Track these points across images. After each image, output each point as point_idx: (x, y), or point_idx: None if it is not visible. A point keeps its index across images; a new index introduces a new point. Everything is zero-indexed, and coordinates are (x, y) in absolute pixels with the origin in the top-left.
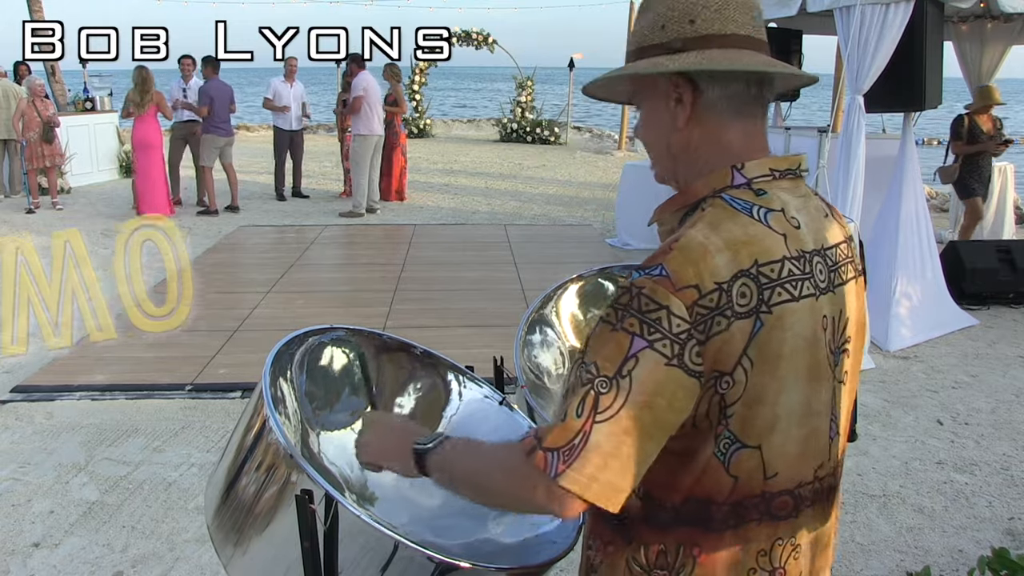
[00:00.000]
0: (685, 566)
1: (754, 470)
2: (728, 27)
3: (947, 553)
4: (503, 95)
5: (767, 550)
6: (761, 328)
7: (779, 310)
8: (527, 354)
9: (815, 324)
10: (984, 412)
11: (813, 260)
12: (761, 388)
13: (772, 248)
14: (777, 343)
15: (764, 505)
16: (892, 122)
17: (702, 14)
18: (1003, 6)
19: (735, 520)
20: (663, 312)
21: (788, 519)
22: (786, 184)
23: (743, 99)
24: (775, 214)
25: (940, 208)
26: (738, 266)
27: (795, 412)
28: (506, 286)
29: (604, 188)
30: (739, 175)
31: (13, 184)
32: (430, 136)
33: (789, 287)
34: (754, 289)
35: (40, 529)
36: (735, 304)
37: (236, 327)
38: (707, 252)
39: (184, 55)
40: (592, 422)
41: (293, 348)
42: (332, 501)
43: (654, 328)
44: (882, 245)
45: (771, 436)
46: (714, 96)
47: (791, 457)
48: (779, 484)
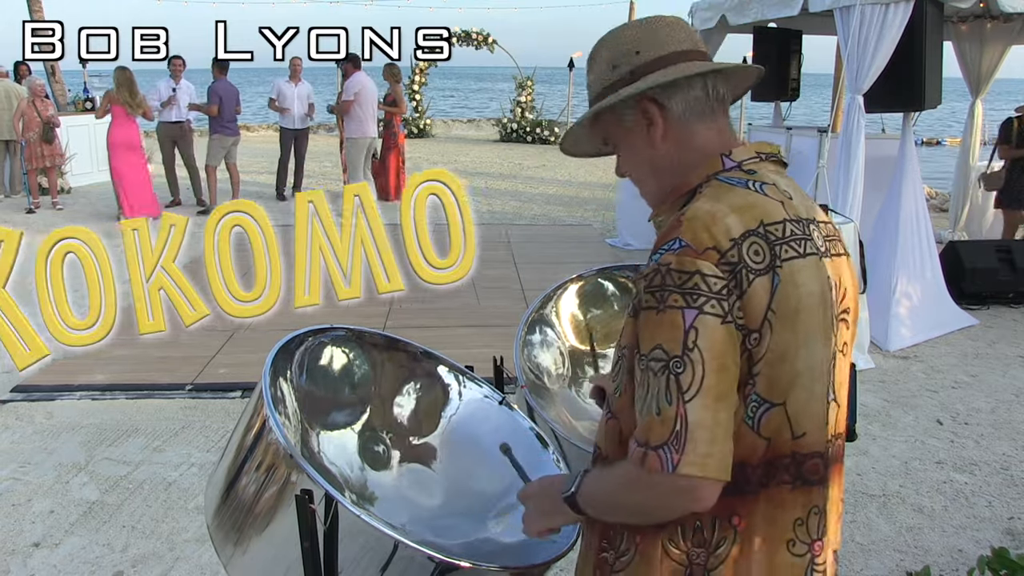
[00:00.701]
0: (725, 539)
1: (782, 428)
2: (668, 47)
3: (947, 553)
4: (503, 95)
5: (803, 519)
6: (779, 283)
7: (789, 266)
8: (527, 354)
9: (823, 282)
10: (984, 412)
11: (809, 226)
12: (784, 345)
13: (774, 211)
14: (794, 298)
15: (795, 468)
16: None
17: (643, 44)
18: (1003, 6)
19: (767, 478)
20: (697, 277)
21: (819, 485)
22: (772, 167)
23: (705, 103)
24: (769, 186)
25: (940, 208)
26: (746, 226)
27: (814, 369)
28: (506, 286)
29: (604, 188)
30: (728, 160)
31: (13, 184)
32: (430, 136)
33: (795, 244)
34: (765, 247)
35: (40, 529)
36: (750, 262)
37: (236, 327)
38: (716, 216)
39: (174, 55)
40: (683, 403)
41: (293, 348)
42: (332, 501)
43: (696, 294)
44: (882, 245)
45: (794, 392)
46: (679, 107)
47: (816, 416)
48: (808, 444)
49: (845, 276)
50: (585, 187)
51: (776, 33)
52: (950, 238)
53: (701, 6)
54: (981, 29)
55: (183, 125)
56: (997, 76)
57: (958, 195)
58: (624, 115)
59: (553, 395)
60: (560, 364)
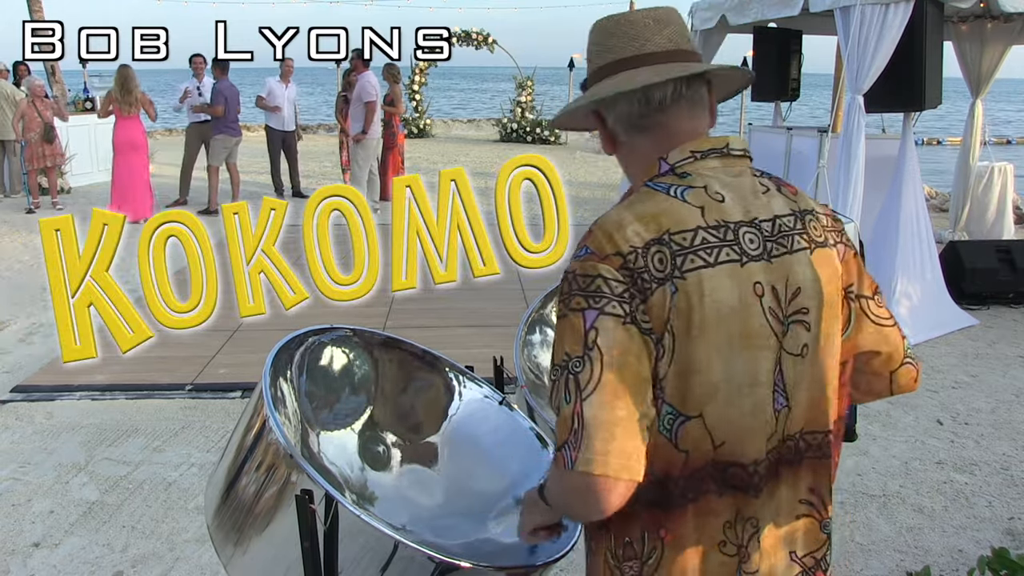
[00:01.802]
0: (655, 551)
1: (700, 440)
2: (607, 57)
3: (947, 553)
4: (503, 95)
5: (732, 522)
6: (676, 293)
7: (693, 276)
8: (527, 354)
9: (742, 289)
10: (984, 412)
11: (739, 230)
12: (691, 356)
13: (685, 219)
14: (697, 309)
15: (718, 474)
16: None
17: (594, 51)
18: (1003, 6)
19: (693, 492)
20: (599, 280)
21: (747, 493)
22: (713, 163)
23: (637, 115)
24: (694, 191)
25: (940, 208)
26: (649, 235)
27: (735, 380)
28: (506, 286)
29: (604, 188)
30: (663, 164)
31: (13, 184)
32: (430, 136)
33: (703, 254)
34: (668, 256)
35: (40, 529)
36: (653, 269)
37: (236, 327)
38: (620, 224)
39: (195, 54)
40: (580, 400)
41: (293, 348)
42: (332, 501)
43: (598, 296)
44: (882, 245)
45: (712, 405)
46: (612, 121)
47: (737, 427)
48: (729, 455)
49: (801, 273)
50: (585, 187)
51: (776, 33)
52: (950, 238)
53: (701, 6)
54: (981, 29)
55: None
56: (997, 76)
57: (958, 195)
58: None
59: None
60: None
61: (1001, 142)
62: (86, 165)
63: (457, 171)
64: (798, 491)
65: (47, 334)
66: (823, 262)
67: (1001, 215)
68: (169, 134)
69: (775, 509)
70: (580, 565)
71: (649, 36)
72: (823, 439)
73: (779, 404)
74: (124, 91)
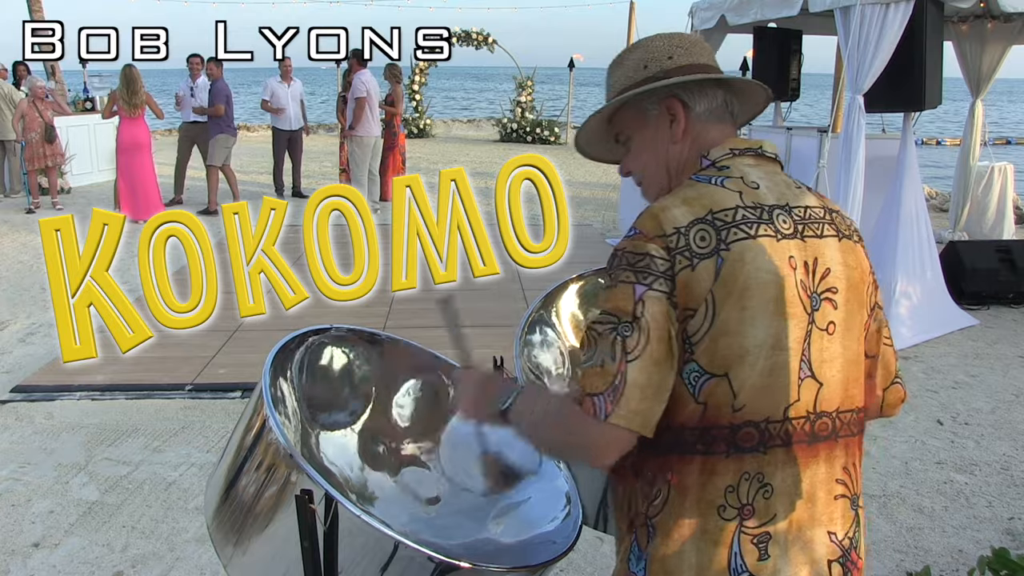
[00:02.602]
0: (661, 492)
1: (722, 398)
2: (696, 59)
3: (947, 553)
4: (503, 95)
5: (734, 486)
6: (723, 264)
7: (737, 246)
8: (527, 354)
9: (779, 260)
10: (984, 412)
11: (773, 211)
12: (728, 320)
13: (725, 200)
14: (742, 276)
15: (731, 436)
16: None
17: (677, 51)
18: (1003, 6)
19: (703, 446)
20: (647, 258)
21: (753, 452)
22: (750, 160)
23: (721, 110)
24: (732, 179)
25: (940, 208)
26: (694, 215)
27: (763, 344)
28: (506, 286)
29: (604, 188)
30: (705, 160)
31: (13, 184)
32: (430, 136)
33: (744, 227)
34: (712, 232)
35: (40, 529)
36: (695, 247)
37: (236, 327)
38: (665, 208)
39: (192, 54)
40: (625, 362)
41: (293, 348)
42: (332, 501)
43: (646, 272)
44: (882, 245)
45: (739, 366)
46: (700, 109)
47: (756, 389)
48: (744, 415)
49: (830, 256)
50: (585, 187)
51: (776, 33)
52: (950, 238)
53: (701, 6)
54: (981, 29)
55: (205, 125)
56: (997, 76)
57: (958, 195)
58: (649, 109)
59: None
60: (560, 364)
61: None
62: (86, 165)
63: (457, 171)
64: (834, 470)
65: (47, 334)
66: (850, 250)
67: (1001, 215)
68: (169, 134)
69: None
70: (580, 565)
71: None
72: (855, 417)
73: (804, 373)
74: (130, 91)
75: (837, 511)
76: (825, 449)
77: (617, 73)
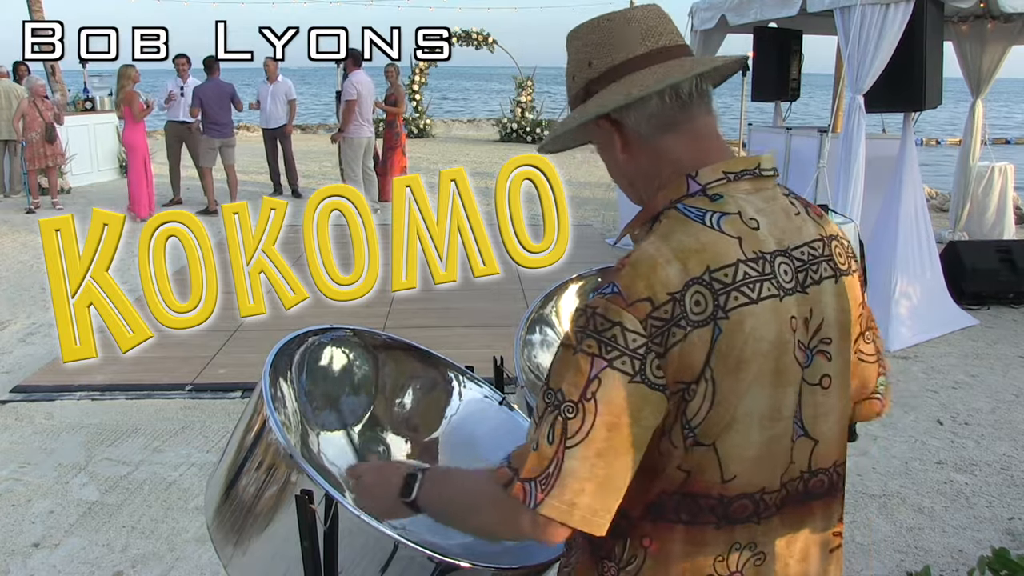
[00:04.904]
0: (635, 559)
1: (707, 468)
2: (618, 56)
3: (947, 553)
4: (504, 95)
5: (724, 555)
6: (720, 334)
7: (736, 314)
8: (527, 354)
9: (780, 326)
10: (984, 412)
11: (775, 261)
12: (724, 392)
13: (725, 253)
14: (739, 348)
15: (722, 509)
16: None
17: (595, 52)
18: (1003, 6)
19: (688, 515)
20: (617, 329)
21: (747, 523)
22: (745, 185)
23: (668, 112)
24: (729, 218)
25: (940, 208)
26: (689, 275)
27: (755, 415)
28: (506, 286)
29: (604, 188)
30: (693, 183)
31: (13, 184)
32: (430, 136)
33: (746, 290)
34: (708, 296)
35: (40, 529)
36: (690, 313)
37: (236, 327)
38: (657, 264)
39: (179, 54)
40: (564, 447)
41: (293, 348)
42: (332, 501)
43: (611, 346)
44: (882, 245)
45: (727, 436)
46: (635, 123)
47: (750, 461)
48: (737, 487)
49: (826, 303)
50: (585, 187)
51: (776, 33)
52: (950, 238)
53: (701, 6)
54: (982, 29)
55: (190, 126)
56: (997, 76)
57: (958, 195)
58: (591, 130)
59: None
60: None
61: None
62: (86, 165)
63: (457, 171)
64: (830, 523)
65: (47, 334)
66: (843, 292)
67: (1001, 215)
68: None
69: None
70: None
71: (661, 31)
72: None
73: (796, 434)
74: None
75: (832, 564)
76: (821, 507)
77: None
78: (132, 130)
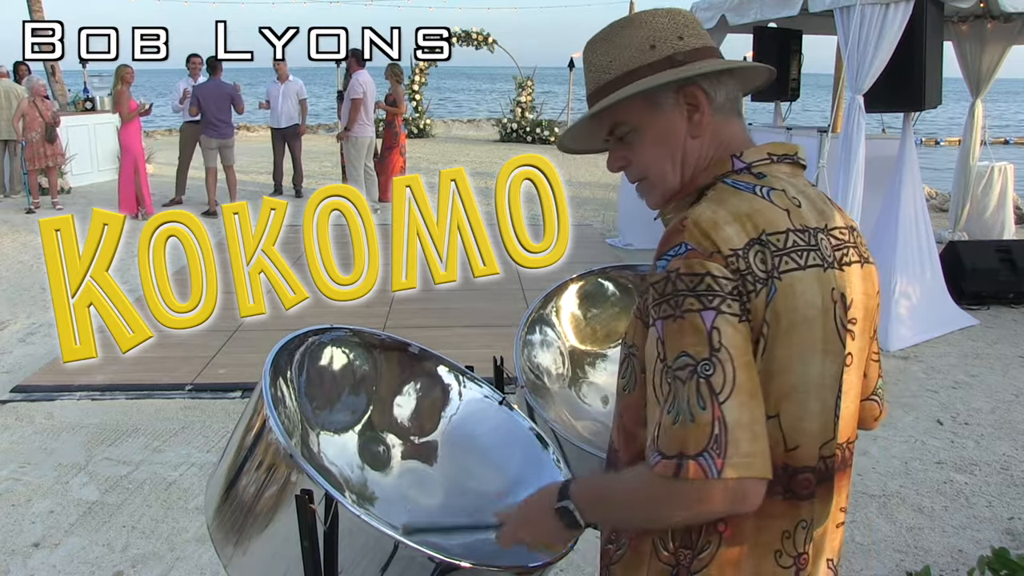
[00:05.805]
0: (709, 545)
1: (774, 440)
2: (707, 41)
3: (947, 553)
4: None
5: (791, 532)
6: (775, 294)
7: (788, 277)
8: (527, 354)
9: (825, 294)
10: (984, 412)
11: (817, 235)
12: (777, 358)
13: (776, 220)
14: (790, 310)
15: (786, 479)
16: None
17: (686, 31)
18: (1003, 6)
19: None
20: (709, 279)
21: (808, 500)
22: (785, 169)
23: (738, 98)
24: (777, 192)
25: (940, 208)
26: (748, 235)
27: (811, 383)
28: (506, 286)
29: (604, 188)
30: (738, 162)
31: (13, 184)
32: (430, 136)
33: (795, 256)
34: (768, 256)
35: (40, 529)
36: (756, 270)
37: (236, 327)
38: (717, 224)
39: (192, 54)
40: (718, 404)
41: (293, 348)
42: (332, 501)
43: (711, 295)
44: (882, 245)
45: (787, 406)
46: (721, 98)
47: (807, 431)
48: (801, 458)
49: (855, 285)
50: (585, 187)
51: (776, 33)
52: (950, 238)
53: (701, 6)
54: (981, 29)
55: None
56: (997, 76)
57: (958, 195)
58: (662, 100)
59: (553, 395)
60: (560, 364)
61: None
62: (86, 165)
63: (457, 171)
64: (841, 499)
65: (47, 334)
66: (868, 276)
67: (1001, 215)
68: (169, 134)
69: (823, 517)
70: (581, 565)
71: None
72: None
73: (837, 412)
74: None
75: (837, 539)
76: (839, 480)
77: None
78: (124, 130)
